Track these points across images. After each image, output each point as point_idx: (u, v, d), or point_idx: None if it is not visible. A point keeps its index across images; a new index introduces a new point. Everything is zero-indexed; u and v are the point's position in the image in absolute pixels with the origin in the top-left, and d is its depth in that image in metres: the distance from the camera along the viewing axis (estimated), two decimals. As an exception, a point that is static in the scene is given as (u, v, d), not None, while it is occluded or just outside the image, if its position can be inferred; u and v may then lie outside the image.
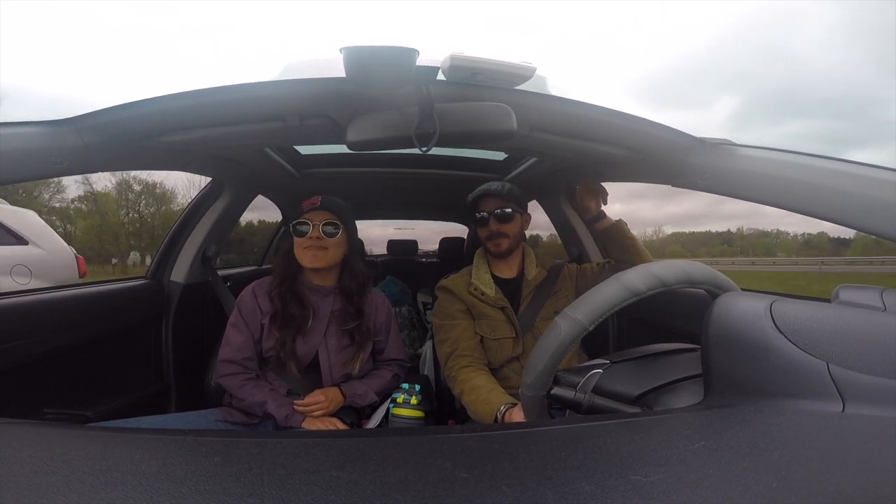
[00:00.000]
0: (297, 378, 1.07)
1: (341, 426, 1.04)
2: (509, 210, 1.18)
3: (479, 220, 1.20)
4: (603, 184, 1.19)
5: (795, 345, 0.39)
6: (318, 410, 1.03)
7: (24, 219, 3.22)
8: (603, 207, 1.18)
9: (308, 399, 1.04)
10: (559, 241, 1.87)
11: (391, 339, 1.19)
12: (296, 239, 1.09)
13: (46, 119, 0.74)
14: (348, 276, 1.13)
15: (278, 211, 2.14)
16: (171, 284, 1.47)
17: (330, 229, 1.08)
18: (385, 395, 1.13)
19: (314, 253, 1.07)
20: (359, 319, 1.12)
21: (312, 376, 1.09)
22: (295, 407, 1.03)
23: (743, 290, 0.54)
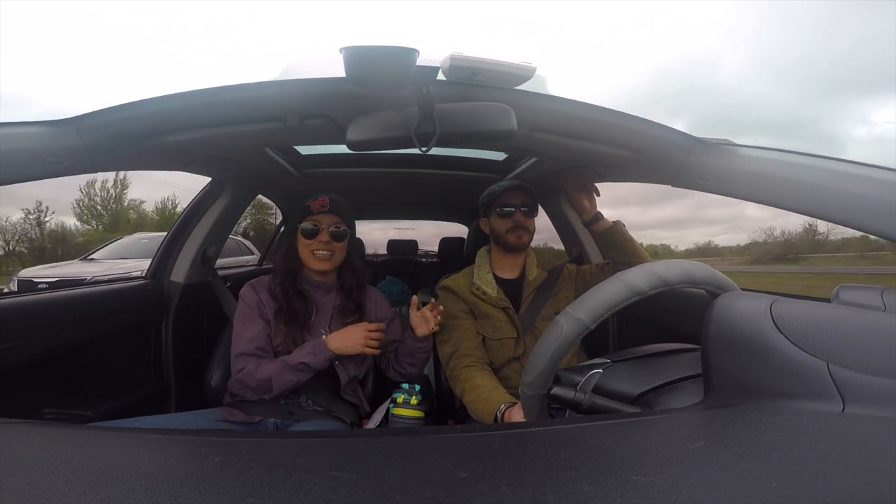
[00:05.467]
0: None
1: (369, 328, 1.04)
2: (535, 206, 1.22)
3: (502, 213, 1.19)
4: (599, 184, 1.19)
5: (795, 345, 0.38)
6: (433, 317, 1.09)
7: (245, 242, 6.94)
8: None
9: (429, 307, 1.10)
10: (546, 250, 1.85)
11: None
12: (303, 240, 1.09)
13: (46, 119, 0.74)
14: (349, 274, 1.15)
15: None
16: (171, 284, 1.47)
17: (338, 233, 1.09)
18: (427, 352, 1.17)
19: (322, 256, 1.08)
20: (358, 314, 1.13)
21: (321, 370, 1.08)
22: (418, 314, 1.09)
23: (743, 290, 0.54)
